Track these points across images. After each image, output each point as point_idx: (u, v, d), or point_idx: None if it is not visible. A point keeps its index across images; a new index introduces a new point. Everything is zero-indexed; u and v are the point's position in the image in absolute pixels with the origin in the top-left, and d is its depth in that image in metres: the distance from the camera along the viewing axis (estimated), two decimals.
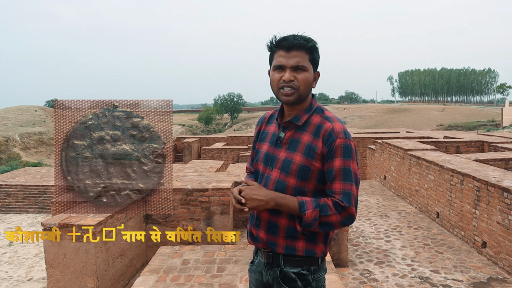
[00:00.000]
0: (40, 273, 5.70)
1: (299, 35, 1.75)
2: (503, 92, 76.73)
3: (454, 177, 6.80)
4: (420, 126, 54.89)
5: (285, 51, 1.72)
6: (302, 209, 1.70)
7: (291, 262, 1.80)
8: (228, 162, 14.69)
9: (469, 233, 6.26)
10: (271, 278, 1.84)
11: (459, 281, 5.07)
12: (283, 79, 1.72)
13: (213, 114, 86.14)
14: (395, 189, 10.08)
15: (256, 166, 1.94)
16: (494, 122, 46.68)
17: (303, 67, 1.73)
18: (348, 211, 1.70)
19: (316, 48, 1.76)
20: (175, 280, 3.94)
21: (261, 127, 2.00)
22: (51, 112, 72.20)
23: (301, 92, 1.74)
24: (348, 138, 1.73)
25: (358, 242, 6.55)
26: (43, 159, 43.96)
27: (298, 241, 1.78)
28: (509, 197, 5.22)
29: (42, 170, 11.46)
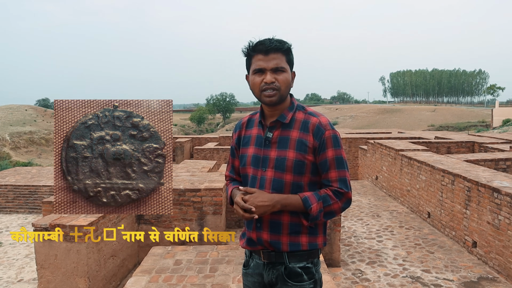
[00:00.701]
0: (31, 274, 5.65)
1: (273, 39, 1.81)
2: (493, 93, 77.63)
3: (445, 177, 6.86)
4: (411, 126, 55.26)
5: (264, 55, 1.78)
6: (307, 205, 1.77)
7: (296, 257, 1.84)
8: (221, 162, 14.66)
9: (459, 233, 6.32)
10: (274, 277, 1.85)
11: (450, 280, 5.12)
12: (264, 81, 1.78)
13: (205, 114, 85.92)
14: (386, 189, 10.14)
15: (244, 170, 1.94)
16: (484, 123, 47.14)
17: (282, 68, 1.79)
18: (347, 196, 1.82)
19: (290, 49, 1.83)
20: (167, 280, 3.93)
21: (240, 133, 2.02)
22: (42, 111, 71.63)
23: (282, 92, 1.81)
24: (334, 129, 1.83)
25: (350, 242, 6.58)
26: (34, 159, 43.58)
27: (302, 235, 1.84)
28: (499, 197, 5.28)
29: (32, 170, 11.35)
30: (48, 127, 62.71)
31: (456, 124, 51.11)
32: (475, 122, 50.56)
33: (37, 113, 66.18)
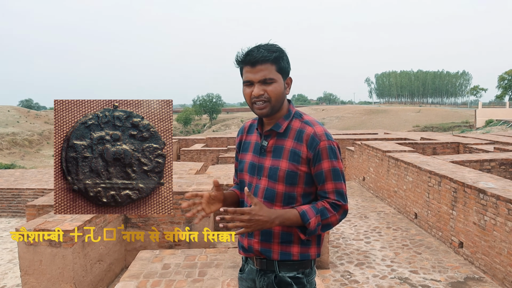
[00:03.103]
0: (14, 280, 5.52)
1: (263, 46, 1.73)
2: (476, 94, 78.90)
3: (431, 178, 6.92)
4: (397, 127, 55.85)
5: (251, 66, 1.72)
6: (305, 219, 1.72)
7: (286, 266, 1.81)
8: (208, 163, 14.57)
9: (446, 234, 6.38)
10: (265, 284, 1.84)
11: (437, 281, 5.16)
12: (253, 94, 1.73)
13: (192, 114, 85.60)
14: (374, 190, 10.21)
15: (241, 176, 1.95)
16: (468, 123, 47.91)
17: (271, 80, 1.72)
18: (344, 208, 1.79)
19: (281, 57, 1.75)
20: (155, 285, 3.87)
21: (242, 138, 2.01)
22: (25, 112, 70.56)
23: (274, 103, 1.75)
24: (330, 140, 1.77)
25: (338, 244, 6.59)
26: (17, 161, 42.87)
27: (293, 246, 1.80)
28: (485, 198, 5.34)
29: (16, 173, 11.14)
30: (32, 128, 61.78)
31: (440, 125, 51.80)
32: (459, 123, 51.32)
33: (20, 114, 65.14)
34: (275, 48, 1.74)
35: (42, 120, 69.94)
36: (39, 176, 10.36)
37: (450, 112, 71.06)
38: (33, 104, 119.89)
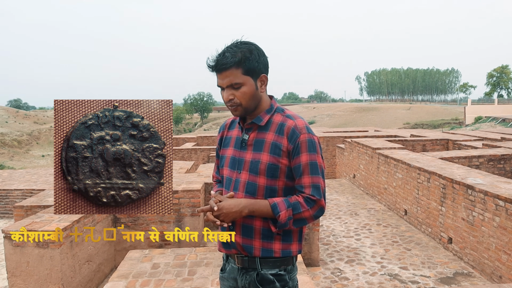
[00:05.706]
0: (1, 282, 5.45)
1: (229, 49, 1.71)
2: (466, 91, 79.57)
3: (421, 175, 6.97)
4: (387, 124, 56.18)
5: (218, 73, 1.74)
6: (275, 211, 1.72)
7: (268, 264, 1.80)
8: (199, 162, 14.56)
9: (435, 230, 6.43)
10: (247, 283, 1.83)
11: (427, 277, 5.19)
12: (223, 99, 1.77)
13: (182, 113, 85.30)
14: (364, 187, 10.25)
15: (222, 171, 1.95)
16: (458, 121, 48.31)
17: (237, 84, 1.72)
18: (319, 203, 1.76)
19: (247, 58, 1.70)
20: (145, 285, 3.85)
21: (223, 134, 2.01)
22: (14, 112, 69.82)
23: (245, 106, 1.76)
24: (311, 133, 1.76)
25: (329, 241, 6.61)
26: (5, 161, 42.44)
27: (275, 242, 1.80)
28: (473, 194, 5.39)
29: (3, 173, 11.01)
30: (21, 129, 61.16)
31: (430, 122, 52.20)
32: (449, 120, 51.75)
33: (8, 114, 64.47)
34: (241, 50, 1.70)
35: (31, 120, 69.28)
36: (28, 177, 10.25)
37: (440, 109, 71.60)
38: (22, 104, 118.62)
